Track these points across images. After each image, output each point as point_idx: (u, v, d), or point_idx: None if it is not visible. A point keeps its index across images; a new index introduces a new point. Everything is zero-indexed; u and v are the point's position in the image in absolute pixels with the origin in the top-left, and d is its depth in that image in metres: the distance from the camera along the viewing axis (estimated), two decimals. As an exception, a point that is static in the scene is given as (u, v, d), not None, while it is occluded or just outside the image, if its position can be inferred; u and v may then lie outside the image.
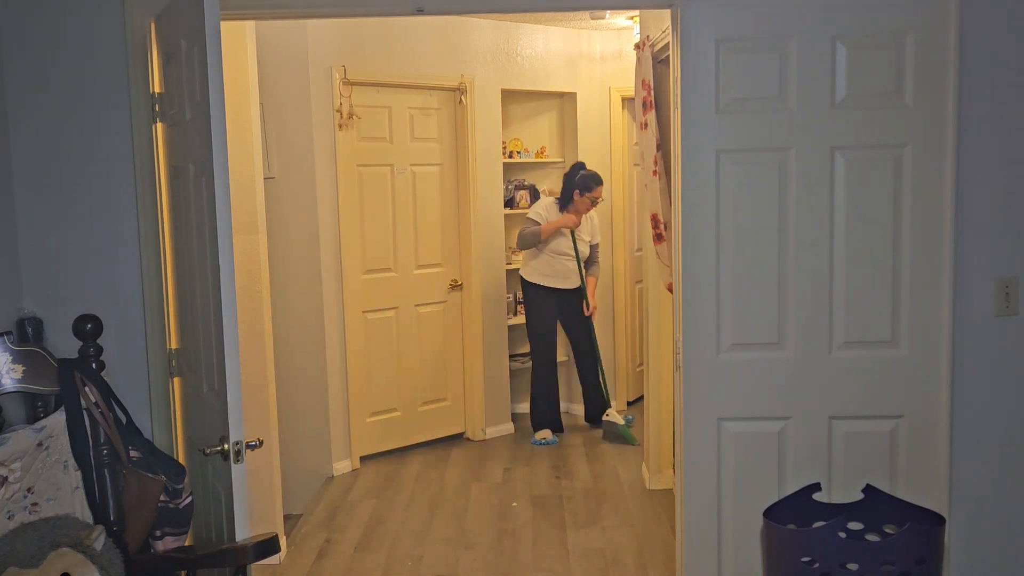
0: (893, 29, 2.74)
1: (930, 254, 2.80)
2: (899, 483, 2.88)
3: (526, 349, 6.38)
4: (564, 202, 5.58)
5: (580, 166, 5.61)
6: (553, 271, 5.61)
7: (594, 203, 5.57)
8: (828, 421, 2.88)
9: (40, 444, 2.42)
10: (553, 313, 5.67)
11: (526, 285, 5.67)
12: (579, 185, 5.52)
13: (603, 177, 6.35)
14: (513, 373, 5.99)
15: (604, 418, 5.77)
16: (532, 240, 5.51)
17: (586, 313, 5.70)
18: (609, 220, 6.19)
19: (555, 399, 5.83)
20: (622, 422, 5.67)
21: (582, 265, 5.64)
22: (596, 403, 5.90)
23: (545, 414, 5.75)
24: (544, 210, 5.57)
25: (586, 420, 6.00)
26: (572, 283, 5.64)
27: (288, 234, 4.69)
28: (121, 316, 2.84)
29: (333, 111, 4.97)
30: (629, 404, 6.37)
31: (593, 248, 5.73)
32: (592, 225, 5.73)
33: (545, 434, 5.70)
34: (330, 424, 5.04)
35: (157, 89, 2.80)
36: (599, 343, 5.87)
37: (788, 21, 2.75)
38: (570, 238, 5.58)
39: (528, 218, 5.58)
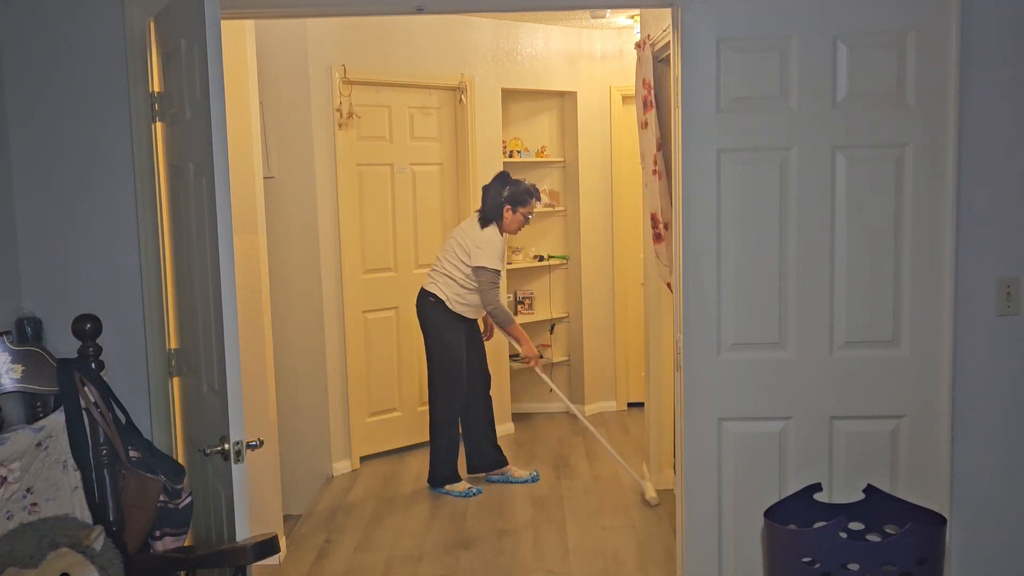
0: (894, 28, 2.74)
1: (931, 254, 2.80)
2: (900, 483, 2.88)
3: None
4: (488, 219, 4.70)
5: (507, 176, 4.77)
6: (468, 303, 4.73)
7: (527, 220, 4.77)
8: (829, 421, 2.87)
9: (39, 444, 2.42)
10: (461, 338, 4.78)
11: (445, 311, 4.71)
12: (512, 200, 4.69)
13: (602, 177, 6.32)
14: (513, 373, 5.98)
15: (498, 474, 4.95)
16: (509, 319, 4.74)
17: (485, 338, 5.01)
18: (611, 220, 6.19)
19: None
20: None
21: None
22: (489, 457, 4.97)
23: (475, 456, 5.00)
24: (498, 250, 4.65)
25: (471, 471, 4.96)
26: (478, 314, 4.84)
27: (288, 234, 4.68)
28: (120, 316, 2.83)
29: (333, 110, 4.97)
30: (630, 405, 6.37)
31: (480, 272, 4.67)
32: (465, 243, 4.70)
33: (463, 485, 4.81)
34: (330, 424, 5.04)
35: (156, 88, 2.80)
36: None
37: (789, 20, 2.75)
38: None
39: (485, 270, 4.61)
